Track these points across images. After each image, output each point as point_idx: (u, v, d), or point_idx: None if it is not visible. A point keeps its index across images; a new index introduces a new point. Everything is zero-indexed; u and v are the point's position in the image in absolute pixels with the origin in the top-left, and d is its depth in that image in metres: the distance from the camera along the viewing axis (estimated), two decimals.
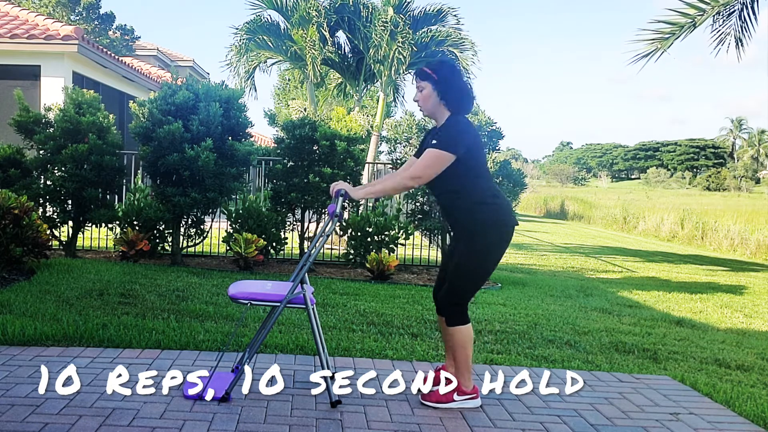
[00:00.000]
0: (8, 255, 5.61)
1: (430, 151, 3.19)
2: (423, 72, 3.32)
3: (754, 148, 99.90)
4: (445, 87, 3.26)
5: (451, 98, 3.26)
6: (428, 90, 3.28)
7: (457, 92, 3.27)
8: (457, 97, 3.27)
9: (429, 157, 3.18)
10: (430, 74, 3.28)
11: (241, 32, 13.38)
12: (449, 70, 3.32)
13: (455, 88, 3.27)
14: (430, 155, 3.18)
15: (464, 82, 3.37)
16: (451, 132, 3.21)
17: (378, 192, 3.38)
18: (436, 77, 3.27)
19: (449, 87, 3.26)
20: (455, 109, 3.28)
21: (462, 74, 3.42)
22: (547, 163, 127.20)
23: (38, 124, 7.40)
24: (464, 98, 3.29)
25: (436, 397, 3.28)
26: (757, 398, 3.74)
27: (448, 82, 3.26)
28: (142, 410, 3.00)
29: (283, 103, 31.09)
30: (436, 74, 3.27)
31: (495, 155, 8.95)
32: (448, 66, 3.37)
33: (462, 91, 3.29)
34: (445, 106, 3.28)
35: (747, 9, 9.98)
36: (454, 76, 3.30)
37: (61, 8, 25.23)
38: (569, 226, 26.50)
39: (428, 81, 3.28)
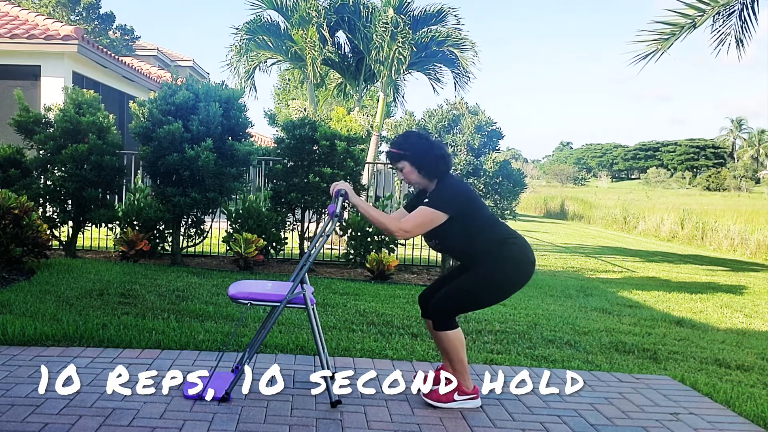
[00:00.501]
0: (8, 255, 5.61)
1: (422, 208, 3.19)
2: (393, 154, 3.32)
3: (754, 148, 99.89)
4: (419, 159, 3.26)
5: (429, 168, 3.27)
6: (407, 167, 3.29)
7: (432, 160, 3.27)
8: (434, 164, 3.27)
9: (421, 214, 3.18)
10: (402, 154, 3.29)
11: (241, 32, 13.38)
12: (415, 142, 3.32)
13: (428, 156, 3.26)
14: (421, 212, 3.18)
15: (433, 144, 3.35)
16: (442, 195, 3.22)
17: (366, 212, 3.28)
18: (408, 153, 3.27)
19: (422, 158, 3.26)
20: (439, 175, 3.29)
21: (428, 138, 3.41)
22: (547, 163, 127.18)
23: (38, 124, 7.40)
24: (441, 162, 3.28)
25: (437, 397, 3.28)
26: (757, 398, 3.74)
27: (419, 155, 3.26)
28: (142, 410, 3.00)
29: (283, 103, 31.08)
30: (406, 151, 3.28)
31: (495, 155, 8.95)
32: (413, 136, 3.39)
33: (436, 156, 3.27)
34: (428, 178, 3.30)
35: (747, 9, 9.98)
36: (422, 145, 3.30)
37: (61, 8, 25.23)
38: (569, 226, 26.50)
39: (403, 160, 3.29)
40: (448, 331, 3.23)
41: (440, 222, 3.19)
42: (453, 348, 3.23)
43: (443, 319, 3.23)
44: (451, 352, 3.24)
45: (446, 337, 3.23)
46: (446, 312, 3.24)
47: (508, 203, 8.40)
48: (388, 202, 8.38)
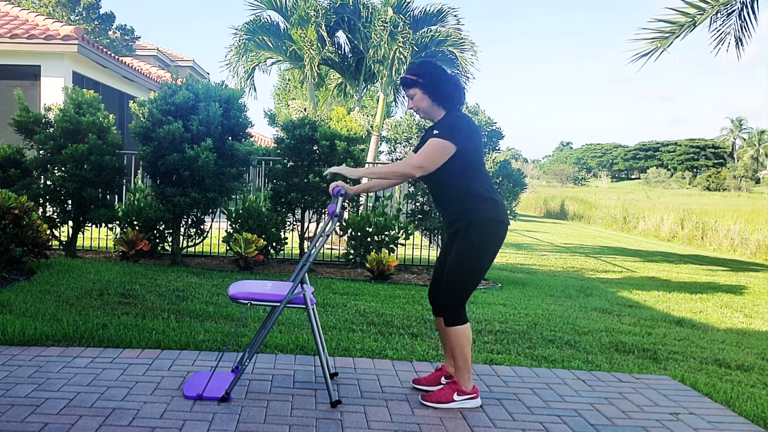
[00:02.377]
0: (8, 255, 5.61)
1: (432, 140, 3.19)
2: (407, 80, 3.32)
3: (754, 148, 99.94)
4: (432, 87, 3.26)
5: (442, 96, 3.27)
6: (418, 94, 3.30)
7: (446, 88, 3.27)
8: (448, 92, 3.27)
9: (431, 145, 3.18)
10: (414, 79, 3.29)
11: (240, 32, 13.38)
12: (432, 70, 3.32)
13: (443, 85, 3.27)
14: (432, 144, 3.18)
15: (449, 75, 3.35)
16: (450, 123, 3.22)
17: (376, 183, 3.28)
18: (422, 80, 3.27)
19: (437, 86, 3.26)
20: (449, 105, 3.29)
21: (444, 69, 3.40)
22: (547, 163, 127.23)
23: (38, 124, 7.40)
24: (455, 92, 3.29)
25: (436, 397, 3.28)
26: (757, 398, 3.74)
27: (434, 82, 3.27)
28: (142, 410, 3.00)
29: (283, 103, 31.07)
30: (421, 78, 3.28)
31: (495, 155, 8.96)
32: (430, 66, 3.37)
33: (450, 85, 3.29)
34: (439, 105, 3.30)
35: (747, 8, 9.98)
36: (437, 73, 3.30)
37: (61, 8, 25.23)
38: (569, 226, 26.50)
39: (415, 87, 3.29)
40: (458, 327, 3.24)
41: (450, 153, 3.16)
42: (460, 344, 3.24)
43: (454, 313, 3.25)
44: (457, 348, 3.25)
45: (455, 332, 3.24)
46: (455, 305, 3.25)
47: (508, 203, 8.40)
48: (388, 202, 8.37)
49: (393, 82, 14.02)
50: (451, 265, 3.27)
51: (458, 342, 3.25)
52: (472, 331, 4.89)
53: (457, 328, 3.24)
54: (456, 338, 3.25)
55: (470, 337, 3.28)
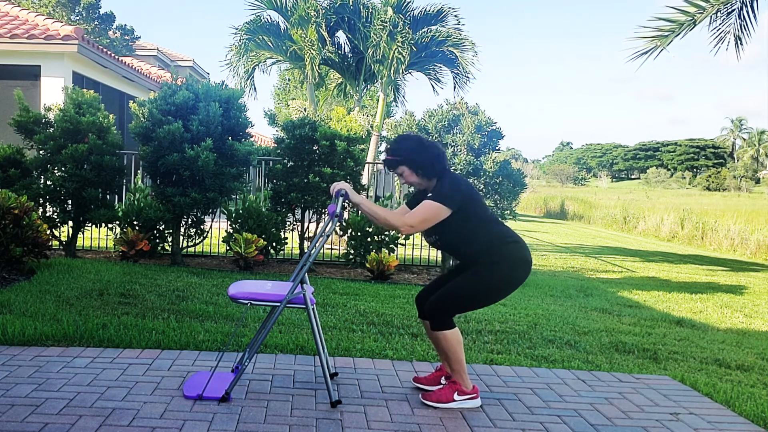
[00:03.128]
0: (8, 255, 5.61)
1: (426, 202, 3.21)
2: (390, 161, 3.35)
3: (754, 148, 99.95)
4: (415, 162, 3.28)
5: (427, 168, 3.29)
6: (406, 171, 3.32)
7: (428, 161, 3.29)
8: (431, 165, 3.29)
9: (426, 208, 3.20)
10: (398, 160, 3.31)
11: (240, 32, 13.37)
12: (408, 146, 3.33)
13: (424, 158, 3.28)
14: (426, 207, 3.20)
15: (426, 145, 3.34)
16: (445, 190, 3.23)
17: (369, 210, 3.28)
18: (401, 157, 3.30)
19: (418, 161, 3.28)
20: (437, 173, 3.31)
21: (422, 140, 3.38)
22: (547, 163, 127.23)
23: (38, 124, 7.40)
24: (437, 162, 3.29)
25: (436, 397, 3.28)
26: (757, 398, 3.74)
27: (413, 157, 3.28)
28: (142, 410, 3.00)
29: (283, 103, 31.07)
30: (400, 155, 3.31)
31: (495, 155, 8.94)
32: (406, 141, 3.38)
33: (431, 156, 3.29)
34: (427, 177, 3.32)
35: (746, 8, 9.97)
36: (416, 149, 3.30)
37: (61, 8, 25.23)
38: (569, 226, 26.49)
39: (400, 165, 3.32)
40: (445, 331, 3.23)
41: (444, 217, 3.19)
42: (451, 348, 3.24)
43: (440, 318, 3.23)
44: (449, 352, 3.25)
45: (444, 337, 3.23)
46: (443, 311, 3.24)
47: (508, 203, 8.40)
48: (388, 202, 8.37)
49: (393, 82, 14.02)
50: (463, 280, 3.27)
51: (448, 346, 3.24)
52: (472, 331, 4.91)
53: (446, 333, 3.24)
54: (446, 342, 3.24)
55: (460, 339, 3.27)
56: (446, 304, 3.25)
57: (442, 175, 3.30)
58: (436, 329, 3.24)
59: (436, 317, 3.24)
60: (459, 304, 3.29)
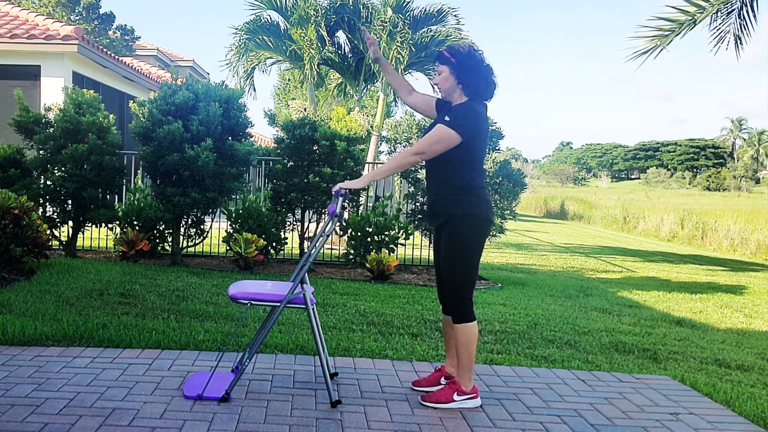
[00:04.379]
0: (8, 255, 5.61)
1: (439, 126, 3.21)
2: (442, 55, 3.34)
3: (754, 148, 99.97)
4: (461, 72, 3.27)
5: (467, 84, 3.28)
6: (446, 73, 3.31)
7: (474, 79, 3.28)
8: (474, 83, 3.28)
9: (437, 132, 3.20)
10: (448, 58, 3.30)
11: (240, 32, 13.38)
12: (468, 57, 3.31)
13: (472, 74, 3.27)
14: (438, 130, 3.20)
15: (484, 68, 3.32)
16: (463, 114, 3.22)
17: (383, 172, 3.31)
18: (454, 61, 3.28)
19: (466, 73, 3.27)
20: (471, 94, 3.30)
21: (482, 61, 3.35)
22: (547, 163, 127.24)
23: (38, 124, 7.40)
24: (481, 84, 3.29)
25: (436, 398, 3.28)
26: (757, 398, 3.74)
27: (464, 68, 3.27)
28: (142, 410, 3.00)
29: (283, 103, 31.07)
30: (454, 59, 3.29)
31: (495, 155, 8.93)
32: (468, 52, 3.35)
33: (479, 77, 3.28)
34: (461, 91, 3.31)
35: (746, 7, 9.97)
36: (472, 62, 3.29)
37: (61, 8, 25.22)
38: (569, 226, 26.49)
39: (446, 65, 3.30)
40: (467, 324, 3.25)
41: (453, 143, 3.18)
42: (467, 342, 3.25)
43: (463, 310, 3.26)
44: (464, 346, 3.25)
45: (463, 330, 3.25)
46: (462, 300, 3.26)
47: (508, 203, 8.39)
48: (388, 202, 8.38)
49: None
50: (444, 264, 3.32)
51: (465, 340, 3.25)
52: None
53: (466, 326, 3.25)
54: (463, 336, 3.25)
55: (476, 336, 3.29)
56: (456, 292, 3.26)
57: (471, 99, 3.29)
58: (459, 322, 3.26)
59: (457, 310, 3.26)
60: (462, 283, 3.28)
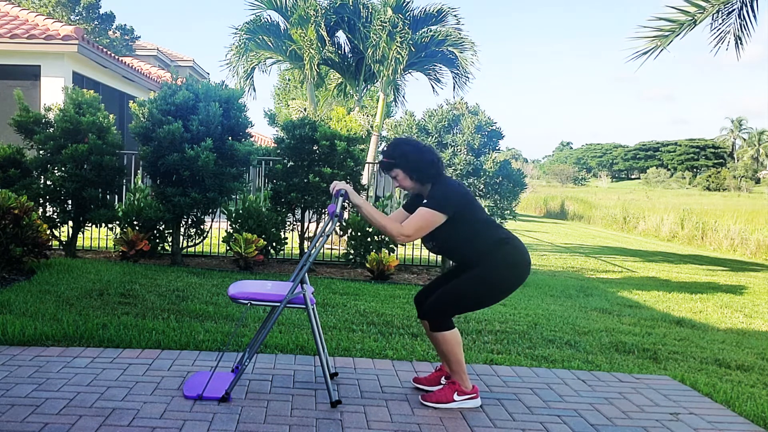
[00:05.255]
0: (8, 255, 5.61)
1: (421, 210, 3.21)
2: (385, 163, 3.36)
3: (754, 148, 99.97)
4: (410, 165, 3.30)
5: (422, 174, 3.31)
6: (400, 174, 3.34)
7: (423, 166, 3.30)
8: (426, 169, 3.30)
9: (420, 217, 3.20)
10: (392, 162, 3.33)
11: (240, 32, 13.36)
12: (405, 151, 3.33)
13: (419, 163, 3.29)
14: (421, 215, 3.20)
15: (422, 149, 3.35)
16: (439, 195, 3.24)
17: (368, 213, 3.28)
18: (396, 161, 3.31)
19: (413, 165, 3.30)
20: (432, 179, 3.32)
21: (419, 147, 3.38)
22: (547, 163, 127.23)
23: (38, 124, 7.40)
24: (431, 168, 3.31)
25: (436, 398, 3.28)
26: (757, 398, 3.74)
27: (409, 163, 3.30)
28: (142, 410, 3.00)
29: (283, 103, 31.05)
30: (395, 159, 3.32)
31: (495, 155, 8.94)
32: (402, 147, 3.37)
33: (426, 162, 3.30)
34: (421, 182, 3.33)
35: (746, 8, 9.97)
36: (411, 153, 3.31)
37: (61, 8, 25.22)
38: (569, 226, 26.49)
39: (395, 168, 3.33)
40: (444, 332, 3.23)
41: (440, 223, 3.20)
42: (450, 348, 3.24)
43: (439, 319, 3.23)
44: (448, 353, 3.25)
45: (443, 338, 3.23)
46: (442, 312, 3.24)
47: (508, 203, 8.40)
48: (388, 202, 8.37)
49: (393, 82, 14.02)
50: (461, 282, 3.27)
51: (447, 347, 3.24)
52: (472, 331, 4.91)
53: (445, 334, 3.23)
54: (445, 344, 3.24)
55: (459, 340, 3.27)
56: (444, 305, 3.24)
57: (437, 180, 3.32)
58: (435, 330, 3.24)
59: (434, 318, 3.24)
60: (457, 305, 3.29)
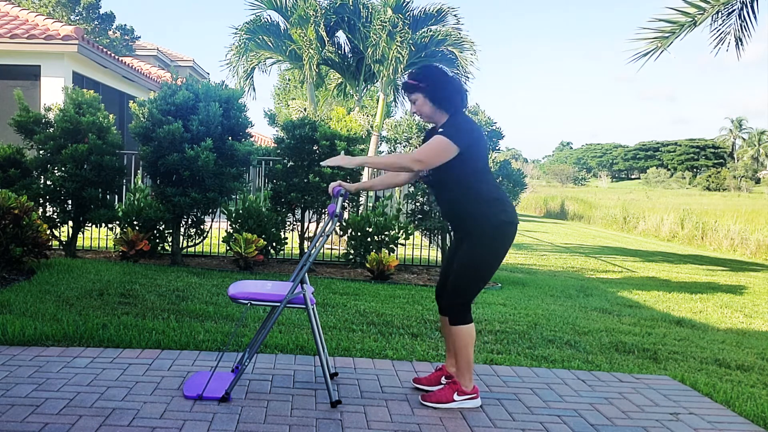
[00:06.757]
0: (8, 255, 5.60)
1: (436, 137, 3.19)
2: (408, 85, 3.32)
3: (754, 148, 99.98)
4: (434, 92, 3.26)
5: (444, 100, 3.27)
6: (420, 99, 3.30)
7: (449, 92, 3.27)
8: (450, 96, 3.27)
9: (435, 142, 3.18)
10: (416, 84, 3.29)
11: (240, 32, 13.36)
12: (433, 74, 3.32)
13: (445, 89, 3.27)
14: (436, 141, 3.18)
15: (451, 79, 3.34)
16: (455, 126, 3.22)
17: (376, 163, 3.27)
18: (423, 85, 3.28)
19: (439, 90, 3.26)
20: (453, 109, 3.29)
21: (446, 72, 3.38)
22: (547, 163, 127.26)
23: (38, 124, 7.40)
24: (456, 96, 3.28)
25: (436, 398, 3.28)
26: (757, 398, 3.74)
27: (436, 87, 3.26)
28: (142, 410, 2.99)
29: (283, 103, 31.07)
30: (422, 82, 3.28)
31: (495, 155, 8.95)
32: (431, 70, 3.36)
33: (453, 89, 3.28)
34: (441, 110, 3.30)
35: (747, 8, 9.97)
36: (439, 77, 3.30)
37: (61, 8, 25.21)
38: (569, 226, 26.49)
39: (417, 92, 3.29)
40: (463, 326, 3.24)
41: (452, 153, 3.15)
42: (465, 344, 3.25)
43: (460, 312, 3.25)
44: (462, 348, 3.25)
45: (461, 332, 3.24)
46: (462, 304, 3.25)
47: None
48: (388, 202, 8.37)
49: (393, 82, 14.01)
50: (460, 265, 3.27)
51: (462, 342, 3.25)
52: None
53: (462, 328, 3.24)
54: (460, 338, 3.25)
55: (474, 336, 3.28)
56: (459, 296, 3.25)
57: (456, 112, 3.28)
58: (455, 324, 3.25)
59: (454, 312, 3.25)
60: (469, 289, 3.27)
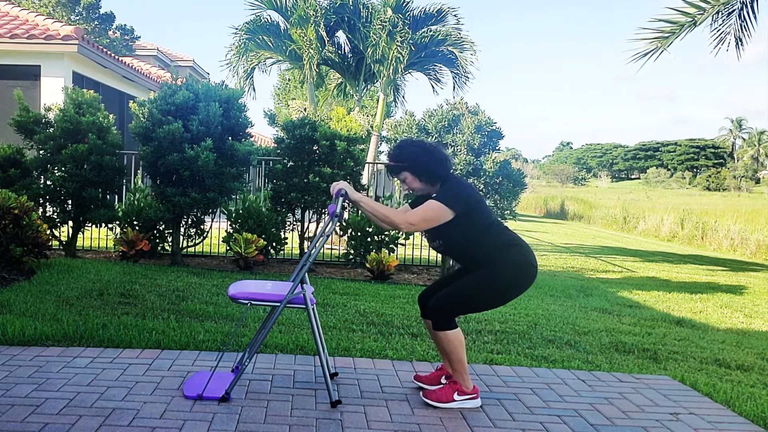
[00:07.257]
0: (8, 255, 5.60)
1: (430, 201, 3.18)
2: (394, 167, 3.33)
3: (754, 148, 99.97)
4: (420, 167, 3.26)
5: (429, 174, 3.28)
6: (409, 177, 3.31)
7: (430, 167, 3.26)
8: (433, 170, 3.26)
9: (429, 207, 3.16)
10: (400, 166, 3.30)
11: (240, 32, 13.37)
12: (411, 153, 3.29)
13: (426, 164, 3.26)
14: (429, 206, 3.17)
15: (430, 150, 3.31)
16: (449, 192, 3.21)
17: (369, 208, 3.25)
18: (405, 164, 3.28)
19: (419, 166, 3.26)
20: (440, 180, 3.29)
21: (426, 146, 3.33)
22: (547, 163, 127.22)
23: (38, 124, 7.40)
24: (439, 167, 3.27)
25: (437, 396, 3.28)
26: (757, 398, 3.74)
27: (416, 164, 3.26)
28: (142, 410, 2.99)
29: (283, 103, 31.06)
30: (404, 161, 3.28)
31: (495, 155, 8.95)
32: (408, 149, 3.33)
33: (432, 162, 3.26)
34: (430, 183, 3.31)
35: (747, 8, 9.97)
36: (418, 156, 3.27)
37: (61, 8, 25.21)
38: (569, 226, 26.49)
39: (404, 171, 3.30)
40: (447, 331, 3.22)
41: (446, 219, 3.17)
42: (452, 348, 3.23)
43: (442, 318, 3.22)
44: (450, 352, 3.24)
45: (445, 337, 3.23)
46: (445, 312, 3.23)
47: (508, 203, 8.40)
48: (388, 202, 8.38)
49: (393, 82, 14.02)
50: (467, 282, 3.25)
51: (450, 347, 3.23)
52: (472, 331, 4.91)
53: (447, 333, 3.22)
54: (447, 343, 3.23)
55: (462, 340, 3.25)
56: (448, 305, 3.23)
57: (446, 179, 3.28)
58: (438, 329, 3.24)
59: (438, 317, 3.23)
60: (461, 305, 3.27)
